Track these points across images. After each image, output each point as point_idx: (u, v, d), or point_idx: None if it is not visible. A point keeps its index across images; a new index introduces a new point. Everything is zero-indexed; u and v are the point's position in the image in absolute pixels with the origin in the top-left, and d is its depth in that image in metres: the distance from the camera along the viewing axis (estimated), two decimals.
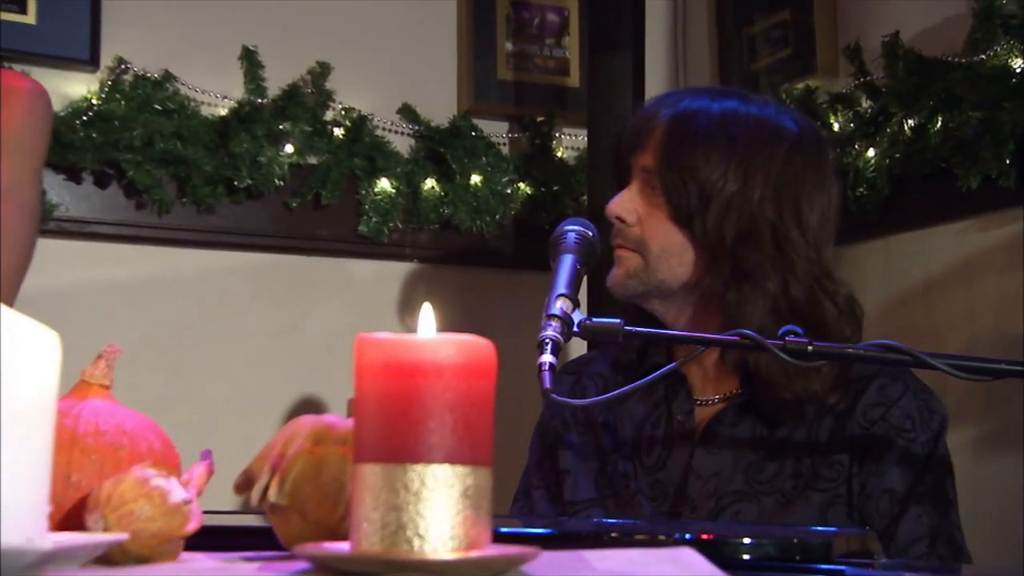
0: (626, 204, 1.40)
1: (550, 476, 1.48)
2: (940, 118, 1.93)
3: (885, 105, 2.02)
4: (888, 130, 2.01)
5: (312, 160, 2.30)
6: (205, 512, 0.71)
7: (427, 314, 0.67)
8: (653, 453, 1.41)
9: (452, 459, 0.61)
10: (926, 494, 1.31)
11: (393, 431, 0.61)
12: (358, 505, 0.61)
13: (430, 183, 2.39)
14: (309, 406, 2.29)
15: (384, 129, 2.41)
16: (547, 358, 1.21)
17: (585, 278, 1.44)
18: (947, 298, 1.99)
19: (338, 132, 2.34)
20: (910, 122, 1.98)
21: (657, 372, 1.26)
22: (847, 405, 1.36)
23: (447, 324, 0.65)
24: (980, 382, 1.14)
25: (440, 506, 0.60)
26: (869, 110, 2.06)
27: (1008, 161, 1.82)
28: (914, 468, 1.32)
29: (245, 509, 0.93)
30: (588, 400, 1.41)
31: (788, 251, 1.36)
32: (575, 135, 2.56)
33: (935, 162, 1.95)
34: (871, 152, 2.04)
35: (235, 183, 2.22)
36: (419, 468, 0.60)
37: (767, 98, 1.46)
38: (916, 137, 1.97)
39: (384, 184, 2.34)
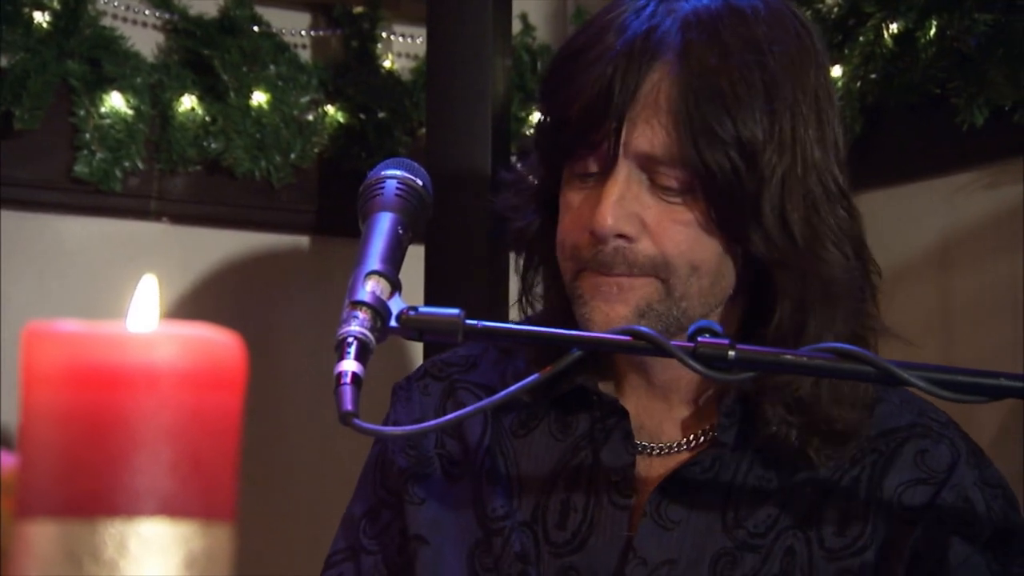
0: (627, 209, 1.34)
1: (390, 537, 1.48)
2: (934, 22, 1.99)
3: (857, 3, 2.07)
4: (861, 39, 2.06)
5: None
6: None
7: (146, 291, 0.66)
8: (567, 524, 1.41)
9: (170, 511, 0.61)
10: None
11: (77, 470, 0.60)
12: None
13: (188, 102, 2.36)
14: None
15: (116, 17, 2.37)
16: (348, 366, 1.21)
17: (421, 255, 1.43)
18: (939, 279, 2.06)
19: (41, 18, 2.29)
20: (892, 27, 2.04)
21: (520, 383, 1.22)
22: (864, 476, 1.37)
23: (206, 317, 0.64)
24: (969, 403, 1.18)
25: None
26: (835, 9, 2.12)
27: None
28: (988, 565, 1.34)
29: None
30: (416, 427, 1.40)
31: (843, 218, 1.36)
32: (410, 36, 2.56)
33: (926, 87, 2.01)
34: (837, 71, 2.09)
35: None
36: (117, 525, 0.60)
37: None
38: (900, 50, 2.03)
39: (116, 102, 2.30)
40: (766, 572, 1.36)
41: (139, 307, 0.66)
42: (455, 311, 1.25)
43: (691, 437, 1.42)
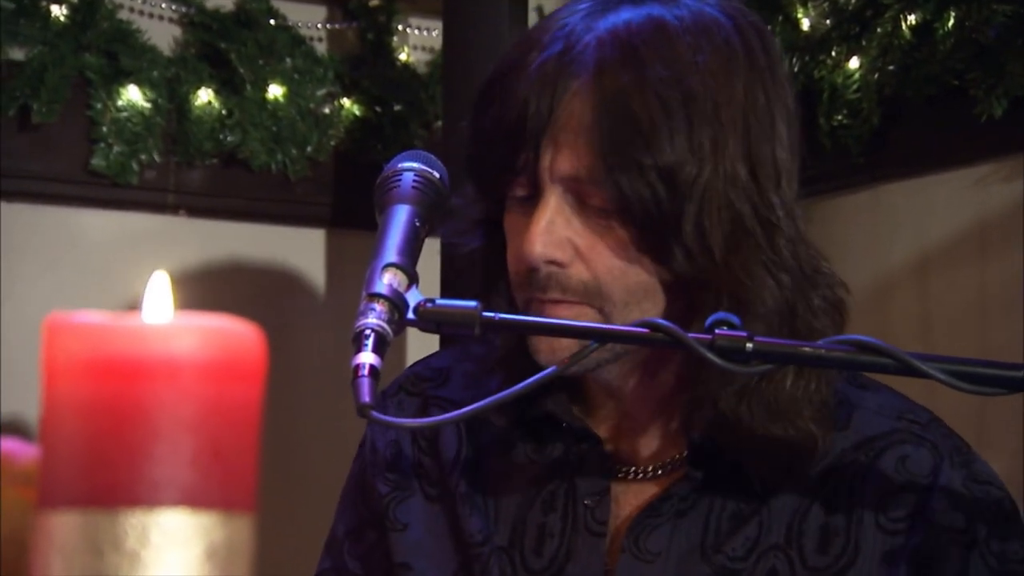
0: (556, 235, 1.30)
1: (375, 559, 1.47)
2: (952, 14, 1.99)
3: None
4: (879, 31, 2.06)
5: (16, 55, 2.26)
6: None
7: (159, 285, 0.67)
8: (544, 551, 1.39)
9: (191, 502, 0.61)
10: None
11: (98, 461, 0.61)
12: (43, 574, 0.60)
13: (205, 95, 2.37)
14: (5, 421, 2.25)
15: (133, 10, 2.38)
16: (366, 358, 1.20)
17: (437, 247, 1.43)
18: (957, 273, 2.06)
19: (59, 12, 2.30)
20: (910, 19, 2.03)
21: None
22: (844, 486, 1.35)
23: (223, 310, 0.65)
24: (988, 395, 1.18)
25: (171, 573, 0.60)
26: (852, 1, 2.11)
27: None
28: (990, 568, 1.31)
29: None
30: (433, 420, 1.40)
31: (776, 238, 1.32)
32: (426, 29, 2.56)
33: (944, 78, 2.00)
34: (854, 63, 2.09)
35: None
36: (138, 516, 0.60)
37: None
38: (918, 41, 2.02)
39: (133, 95, 2.31)
40: None
41: (152, 302, 0.66)
42: (472, 303, 1.25)
43: (666, 460, 1.39)
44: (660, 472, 1.39)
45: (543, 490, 1.41)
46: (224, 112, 2.37)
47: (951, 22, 1.99)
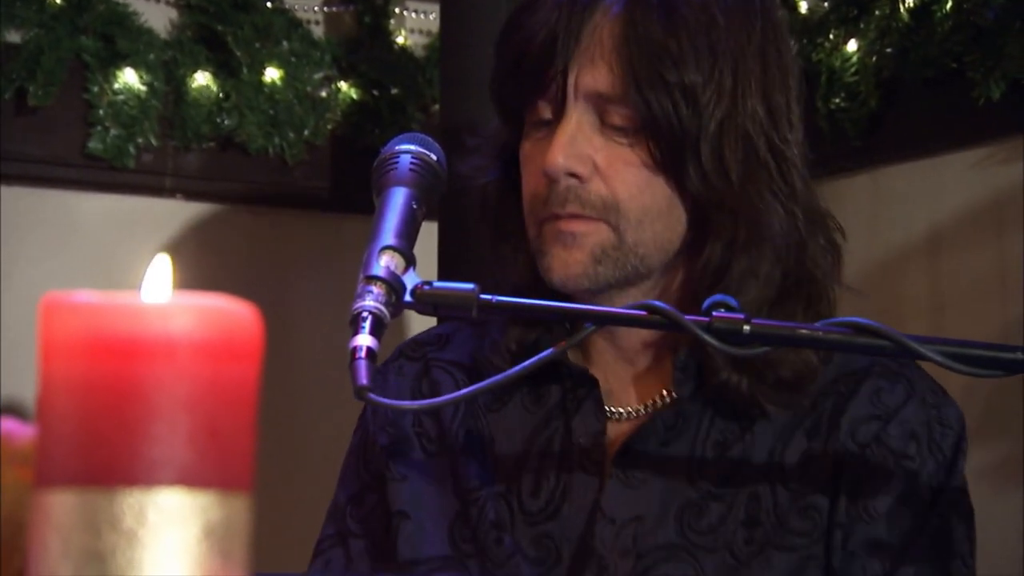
0: (578, 149, 1.36)
1: (375, 519, 1.48)
2: None
3: None
4: (877, 13, 2.06)
5: (12, 37, 2.26)
6: None
7: (159, 267, 0.67)
8: (541, 493, 1.42)
9: (188, 481, 0.61)
10: (929, 547, 1.35)
11: (95, 440, 0.60)
12: (40, 552, 0.60)
13: (201, 79, 2.36)
14: (5, 403, 2.25)
15: None
16: (364, 340, 1.21)
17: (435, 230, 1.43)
18: (956, 256, 2.06)
19: None
20: (908, 1, 2.03)
21: (529, 361, 1.25)
22: (825, 416, 1.39)
23: (221, 293, 0.65)
24: (986, 377, 1.18)
25: (168, 552, 0.60)
26: None
27: None
28: (915, 510, 1.36)
29: None
30: (427, 402, 1.41)
31: (789, 173, 1.38)
32: (423, 12, 2.56)
33: (942, 60, 2.00)
34: (852, 45, 2.09)
35: None
36: (135, 495, 0.60)
37: None
38: (916, 23, 2.02)
39: (129, 78, 2.31)
40: (732, 519, 1.37)
41: (152, 283, 0.66)
42: (470, 286, 1.25)
43: (656, 398, 1.42)
44: (651, 407, 1.42)
45: (540, 437, 1.44)
46: (221, 95, 2.37)
47: (949, 4, 1.99)
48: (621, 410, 1.43)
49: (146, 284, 0.66)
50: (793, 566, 1.35)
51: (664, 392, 1.42)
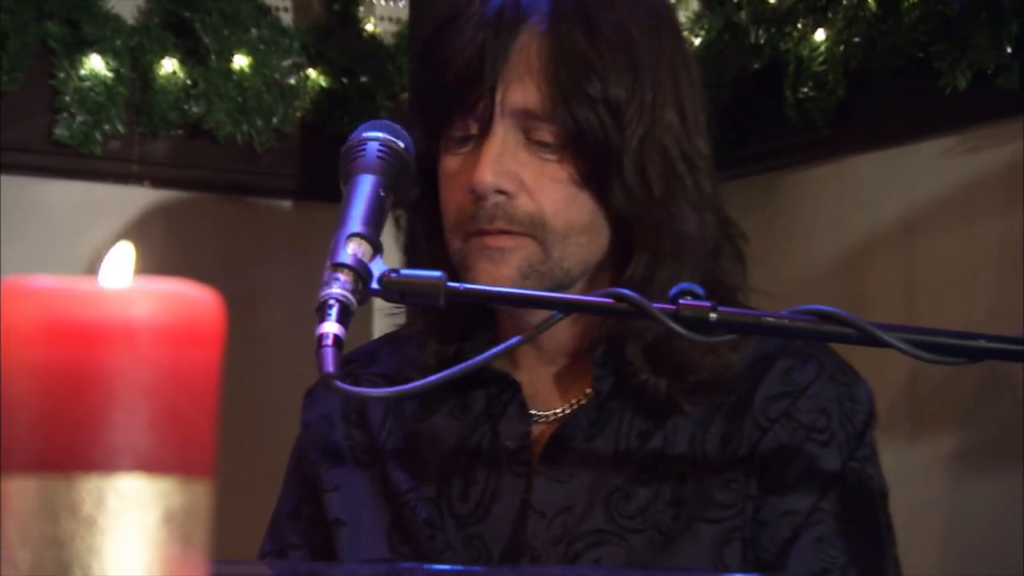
0: (505, 166, 1.40)
1: (314, 530, 1.51)
2: None
3: None
4: (844, 3, 2.06)
5: None
6: None
7: (120, 254, 0.66)
8: (470, 496, 1.45)
9: (148, 467, 0.61)
10: (838, 514, 1.38)
11: (54, 426, 0.60)
12: (1, 539, 0.60)
13: (169, 65, 2.35)
14: None
15: None
16: (330, 327, 1.21)
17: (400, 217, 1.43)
18: (925, 244, 2.07)
19: None
20: None
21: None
22: (741, 397, 1.42)
23: (189, 278, 0.64)
24: (950, 365, 1.19)
25: (127, 539, 0.60)
26: None
27: (1010, 50, 1.88)
28: (824, 481, 1.39)
29: None
30: (394, 390, 1.42)
31: (702, 182, 1.43)
32: (393, 0, 2.56)
33: (909, 50, 2.01)
34: (820, 35, 2.09)
35: None
36: (94, 481, 0.60)
37: None
38: (883, 14, 2.03)
39: (95, 64, 2.29)
40: (659, 500, 1.40)
41: (112, 268, 0.66)
42: (437, 273, 1.25)
43: (580, 397, 1.46)
44: (567, 411, 1.46)
45: (468, 442, 1.47)
46: (189, 82, 2.36)
47: None
48: (547, 412, 1.46)
49: (106, 270, 0.65)
50: (720, 537, 1.39)
51: (587, 391, 1.45)
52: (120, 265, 0.66)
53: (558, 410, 1.46)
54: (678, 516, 1.39)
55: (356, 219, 1.28)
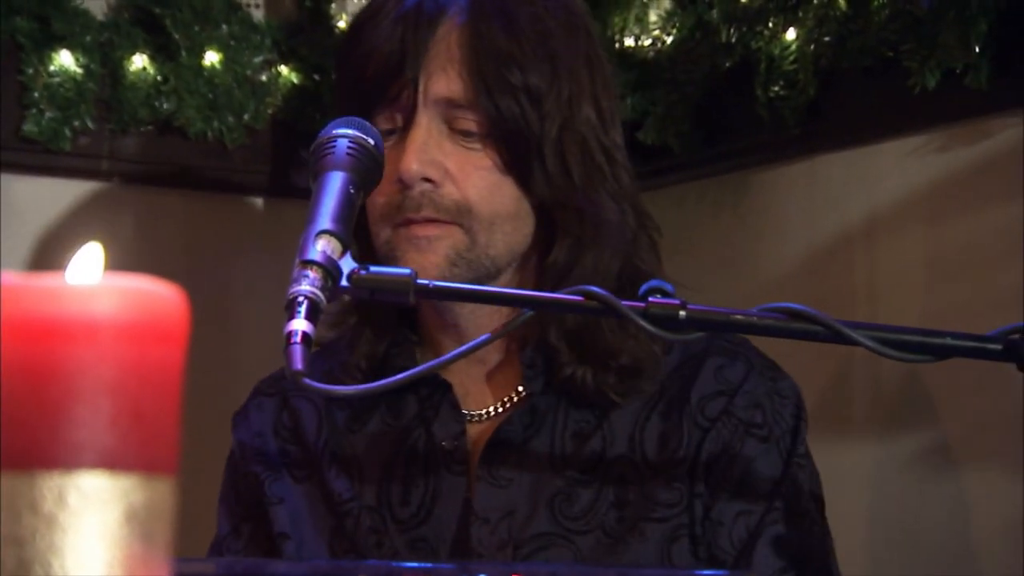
0: (431, 155, 1.43)
1: (255, 545, 1.52)
2: None
3: None
4: (815, 1, 2.07)
5: None
6: None
7: (88, 253, 0.66)
8: (411, 499, 1.47)
9: (110, 464, 0.60)
10: (785, 509, 1.42)
11: (15, 423, 0.60)
12: None
13: (139, 61, 2.34)
14: None
15: None
16: (299, 325, 1.22)
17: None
18: (893, 242, 2.07)
19: None
20: None
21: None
22: (675, 396, 1.45)
23: (158, 278, 0.64)
24: (917, 363, 1.19)
25: (89, 536, 0.59)
26: None
27: (978, 49, 1.89)
28: (770, 475, 1.43)
29: None
30: (361, 387, 1.42)
31: (619, 172, 1.48)
32: None
33: (879, 49, 2.01)
34: (791, 34, 2.09)
35: None
36: (55, 478, 0.59)
37: None
38: (853, 13, 2.03)
39: (65, 60, 2.28)
40: (602, 501, 1.42)
41: (80, 263, 0.65)
42: (407, 271, 1.26)
43: (512, 395, 1.48)
44: (508, 407, 1.48)
45: (403, 446, 1.48)
46: (159, 78, 2.35)
47: None
48: (479, 412, 1.49)
49: (72, 268, 0.65)
50: (666, 535, 1.41)
51: (519, 389, 1.47)
52: (88, 263, 0.66)
53: (490, 408, 1.48)
54: (622, 518, 1.41)
55: (326, 216, 1.29)
